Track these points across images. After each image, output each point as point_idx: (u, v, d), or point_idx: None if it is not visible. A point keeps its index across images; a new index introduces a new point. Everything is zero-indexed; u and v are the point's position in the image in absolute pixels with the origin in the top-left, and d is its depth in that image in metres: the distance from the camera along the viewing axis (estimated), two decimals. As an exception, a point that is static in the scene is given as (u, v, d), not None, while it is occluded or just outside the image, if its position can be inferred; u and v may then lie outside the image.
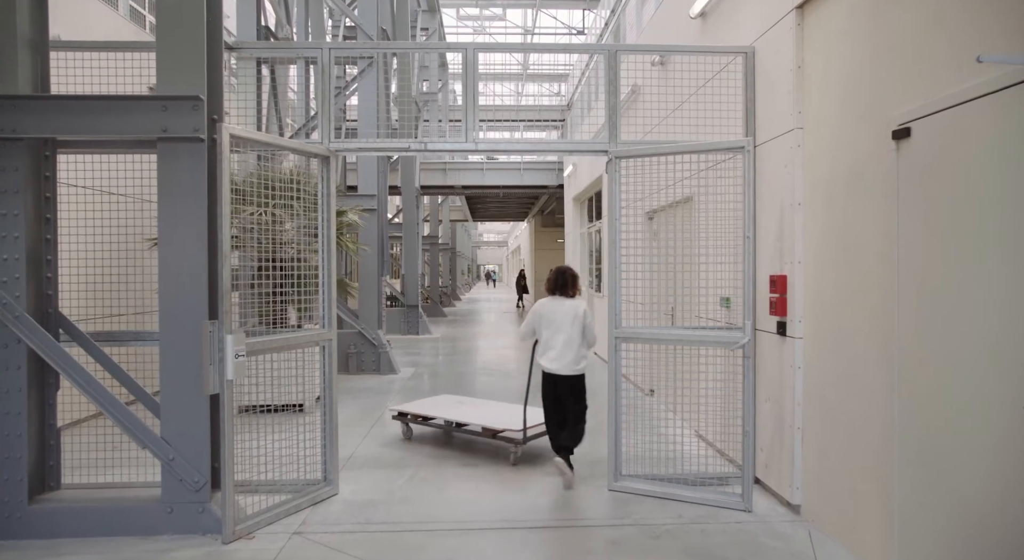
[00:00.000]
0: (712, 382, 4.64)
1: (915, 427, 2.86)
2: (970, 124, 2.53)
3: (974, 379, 2.50)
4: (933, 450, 2.73)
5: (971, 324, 2.52)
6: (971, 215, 2.53)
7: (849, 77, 3.47)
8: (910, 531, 2.88)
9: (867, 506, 3.26)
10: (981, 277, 2.47)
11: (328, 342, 4.39)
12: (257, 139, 3.77)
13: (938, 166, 2.71)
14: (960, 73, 2.59)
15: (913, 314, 2.87)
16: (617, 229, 4.46)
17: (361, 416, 6.80)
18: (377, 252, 9.43)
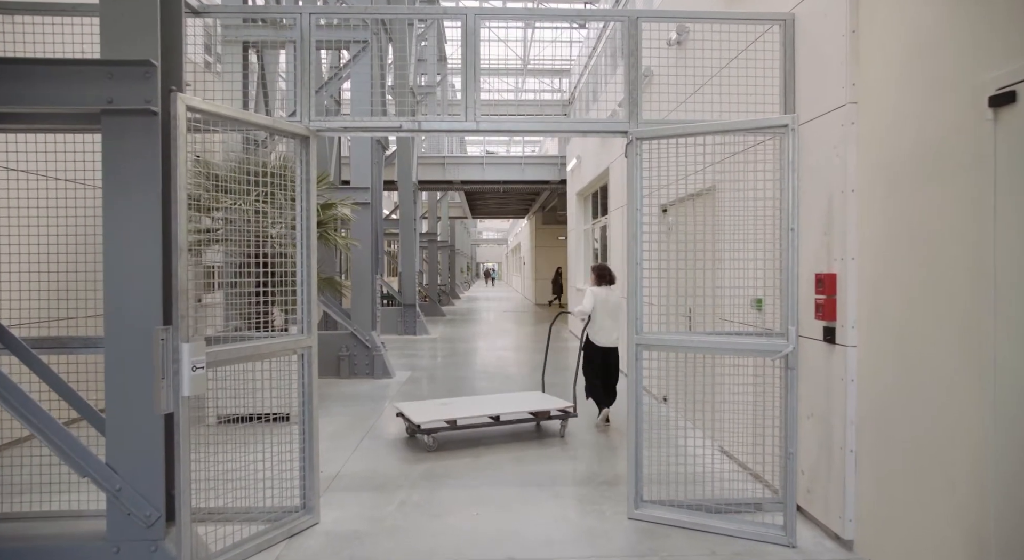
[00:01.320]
0: (739, 392, 4.11)
1: (1020, 456, 2.31)
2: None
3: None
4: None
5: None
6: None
7: (922, 39, 2.92)
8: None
9: (947, 550, 2.71)
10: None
11: (307, 350, 3.84)
12: (221, 113, 3.22)
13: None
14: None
15: (1017, 318, 2.32)
16: (638, 221, 3.91)
17: (351, 426, 6.25)
18: (371, 249, 8.87)
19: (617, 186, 9.57)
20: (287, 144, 4.37)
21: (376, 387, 8.26)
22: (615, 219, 9.70)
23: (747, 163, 4.07)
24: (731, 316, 4.59)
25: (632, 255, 3.90)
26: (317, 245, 8.96)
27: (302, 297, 3.85)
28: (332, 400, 7.45)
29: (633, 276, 3.89)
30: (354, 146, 8.84)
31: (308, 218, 3.83)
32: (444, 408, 5.77)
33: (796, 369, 3.47)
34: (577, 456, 5.30)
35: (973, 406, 2.55)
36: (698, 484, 4.10)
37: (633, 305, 3.88)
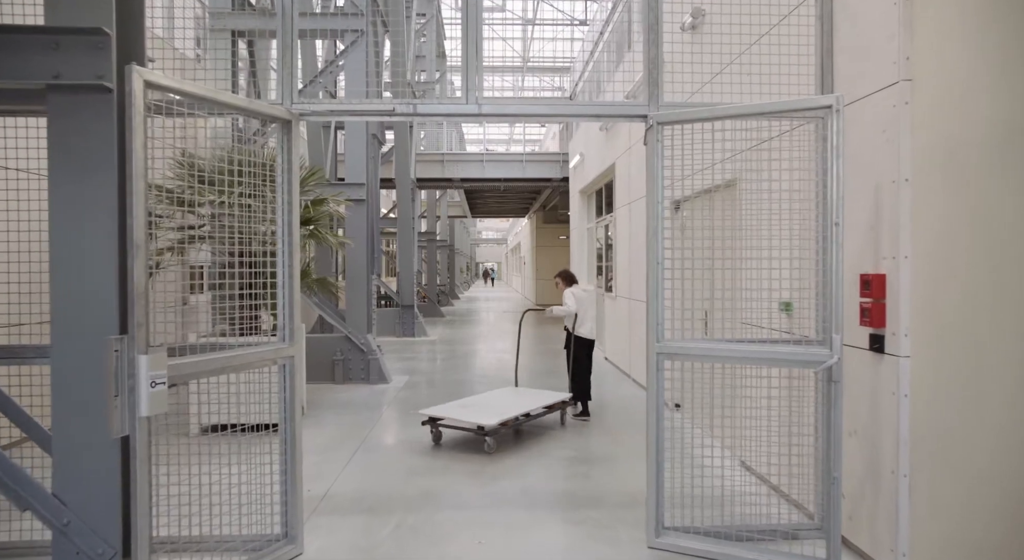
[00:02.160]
0: (764, 402, 3.70)
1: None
2: None
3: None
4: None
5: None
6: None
7: (995, 2, 2.52)
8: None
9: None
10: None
11: (288, 361, 3.43)
12: (186, 90, 2.81)
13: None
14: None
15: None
16: (659, 216, 3.51)
17: (344, 437, 5.85)
18: (366, 247, 8.47)
19: (623, 182, 9.17)
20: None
21: (372, 393, 7.85)
22: (621, 217, 9.29)
23: (775, 151, 3.67)
24: (755, 320, 4.18)
25: (652, 253, 3.50)
26: (312, 244, 8.56)
27: (283, 300, 3.45)
28: (325, 408, 7.04)
29: (654, 277, 3.48)
30: (348, 140, 8.43)
31: (290, 212, 3.42)
32: (466, 410, 5.72)
33: (841, 382, 3.07)
34: (587, 473, 4.89)
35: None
36: (723, 506, 3.70)
37: (654, 310, 3.48)
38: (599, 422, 6.42)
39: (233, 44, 8.16)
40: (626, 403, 7.29)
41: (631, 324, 8.64)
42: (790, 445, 3.54)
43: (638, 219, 8.25)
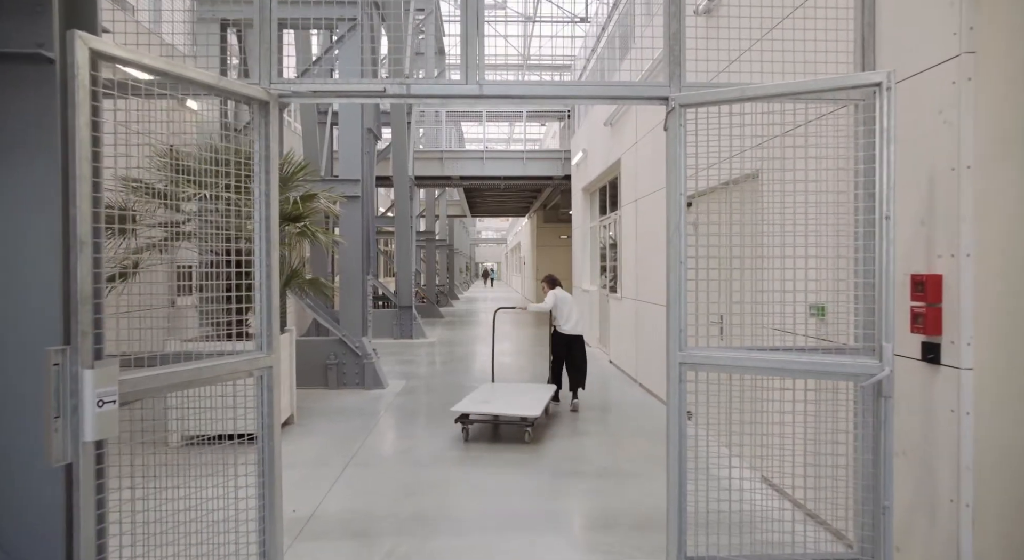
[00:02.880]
0: (790, 414, 3.33)
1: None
2: None
3: None
4: None
5: None
6: None
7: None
8: None
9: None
10: None
11: (265, 371, 3.06)
12: (143, 62, 2.43)
13: None
14: None
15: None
16: (681, 210, 3.14)
17: (335, 448, 5.47)
18: (361, 247, 8.09)
19: (629, 179, 8.80)
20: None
21: (367, 400, 7.47)
22: (627, 214, 8.92)
23: (809, 137, 3.30)
24: (778, 325, 3.81)
25: (674, 252, 3.12)
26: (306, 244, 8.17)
27: (260, 304, 3.07)
28: (316, 416, 6.67)
29: (676, 278, 3.11)
30: (342, 134, 8.06)
31: (268, 205, 3.05)
32: (485, 403, 5.97)
33: (892, 398, 2.69)
34: (596, 489, 4.51)
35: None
36: (749, 530, 3.33)
37: (676, 314, 3.10)
38: (605, 430, 6.05)
39: (223, 38, 7.79)
40: (633, 409, 6.92)
41: (638, 327, 8.27)
42: (830, 466, 3.16)
43: (645, 217, 7.88)
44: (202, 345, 4.93)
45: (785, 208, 3.25)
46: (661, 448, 5.42)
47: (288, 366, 6.27)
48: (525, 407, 5.75)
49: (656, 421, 6.41)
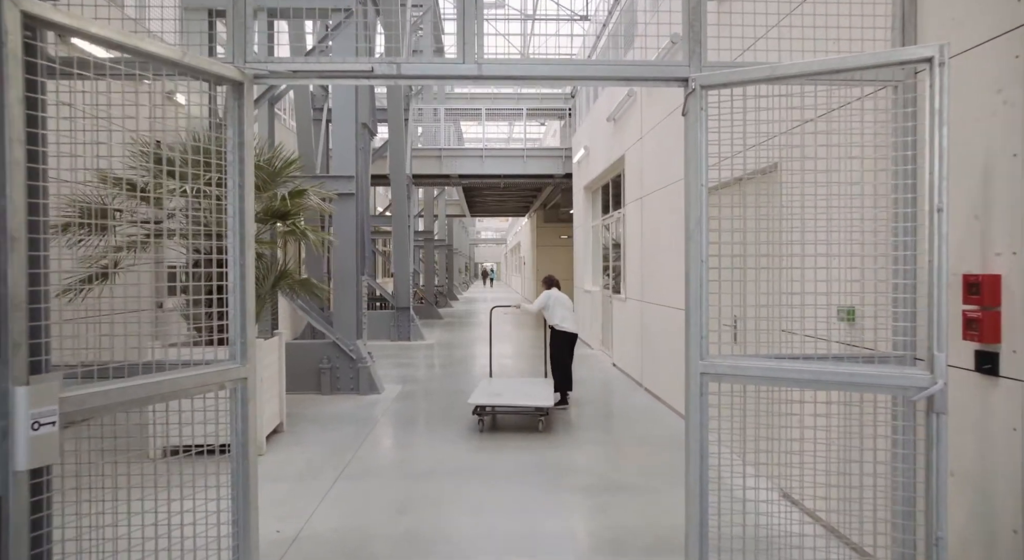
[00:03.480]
0: (813, 425, 3.02)
1: None
2: None
3: None
4: None
5: None
6: None
7: None
8: None
9: None
10: None
11: (239, 384, 2.74)
12: (91, 32, 2.11)
13: None
14: None
15: None
16: (703, 203, 2.83)
17: (326, 459, 5.15)
18: (355, 246, 7.78)
19: (634, 175, 8.48)
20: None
21: (361, 406, 7.15)
22: (631, 213, 8.60)
23: (839, 122, 2.99)
24: (801, 329, 3.49)
25: (695, 249, 2.81)
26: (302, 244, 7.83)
27: (234, 308, 2.75)
28: (307, 423, 6.35)
29: (696, 278, 2.79)
30: (335, 129, 7.75)
31: (241, 198, 2.73)
32: (498, 397, 6.23)
33: (946, 415, 2.37)
34: (604, 505, 4.19)
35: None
36: (776, 555, 3.01)
37: (697, 319, 2.79)
38: (610, 438, 5.73)
39: (211, 27, 7.48)
40: (639, 416, 6.61)
41: (643, 329, 7.96)
42: (860, 486, 2.84)
43: (651, 214, 7.57)
44: (175, 352, 4.61)
45: (809, 201, 2.93)
46: (671, 457, 5.12)
47: (277, 371, 5.96)
48: (537, 398, 6.15)
49: (664, 428, 6.09)
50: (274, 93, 7.91)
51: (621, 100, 8.93)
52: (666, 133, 6.97)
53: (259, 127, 7.84)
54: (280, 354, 6.01)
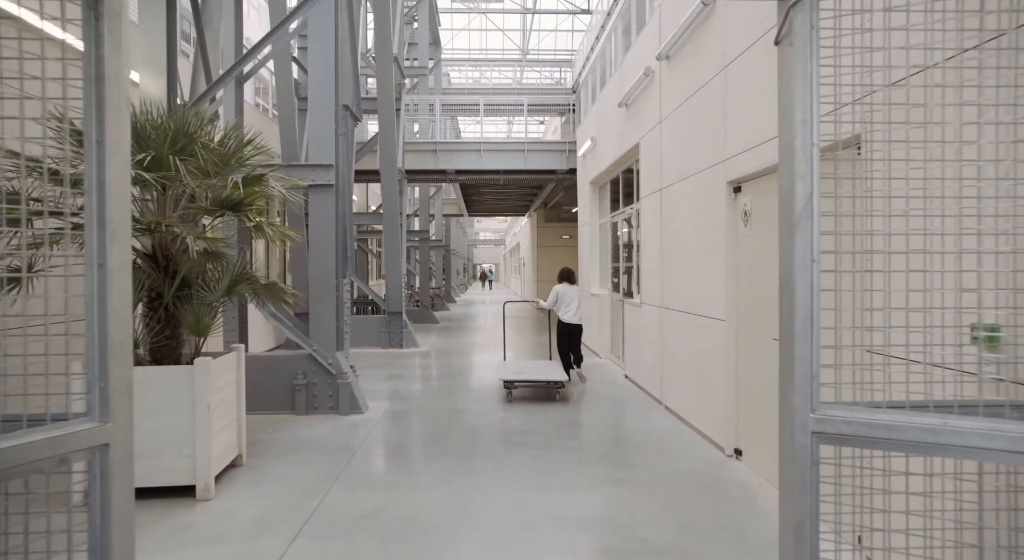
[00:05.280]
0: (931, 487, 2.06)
1: None
2: None
3: None
4: None
5: None
6: None
7: None
8: None
9: None
10: None
11: (100, 452, 1.77)
12: None
13: None
14: None
15: None
16: (813, 173, 1.87)
17: (288, 505, 4.18)
18: (335, 244, 6.81)
19: (652, 165, 7.52)
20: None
21: (340, 429, 6.18)
22: (648, 207, 7.64)
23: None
24: (908, 352, 2.52)
25: (802, 244, 1.85)
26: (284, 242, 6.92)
27: (91, 338, 1.78)
28: (273, 453, 5.38)
29: (803, 289, 1.83)
30: (312, 112, 6.78)
31: (100, 165, 1.76)
32: (520, 374, 7.65)
33: None
34: (628, 520, 3.23)
35: None
36: None
37: (805, 350, 1.83)
38: (634, 475, 4.76)
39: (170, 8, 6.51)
40: (660, 441, 5.64)
41: (663, 339, 6.99)
42: None
43: (674, 209, 6.60)
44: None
45: (908, 189, 1.97)
46: (710, 502, 4.09)
47: (235, 393, 4.98)
48: (553, 374, 7.60)
49: (694, 460, 5.13)
50: (242, 72, 6.95)
51: (635, 82, 7.98)
52: (693, 114, 6.02)
53: (224, 109, 6.87)
54: (238, 373, 5.04)
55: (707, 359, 5.62)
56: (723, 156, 5.26)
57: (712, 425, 5.53)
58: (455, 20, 28.22)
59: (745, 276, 5.00)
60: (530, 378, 7.46)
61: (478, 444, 5.65)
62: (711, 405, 5.54)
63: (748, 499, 4.31)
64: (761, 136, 4.56)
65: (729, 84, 5.17)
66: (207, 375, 4.31)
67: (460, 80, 29.46)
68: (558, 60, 29.45)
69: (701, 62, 5.78)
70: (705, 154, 5.66)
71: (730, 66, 5.14)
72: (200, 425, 4.30)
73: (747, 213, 4.96)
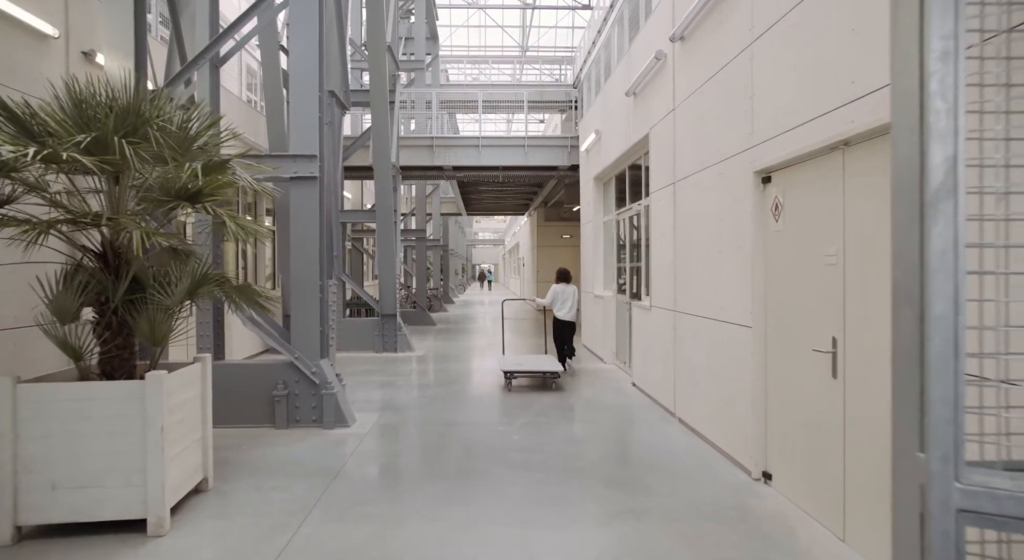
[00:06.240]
0: None
1: None
2: None
3: None
4: None
5: None
6: None
7: None
8: None
9: None
10: None
11: None
12: None
13: None
14: None
15: None
16: (956, 121, 1.28)
17: (252, 543, 3.60)
18: (320, 242, 6.23)
19: (664, 156, 6.95)
20: None
21: (322, 446, 5.60)
22: (660, 202, 7.07)
23: None
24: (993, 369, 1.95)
25: (942, 233, 1.26)
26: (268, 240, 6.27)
27: None
28: (245, 474, 4.79)
29: (945, 305, 1.25)
30: (294, 97, 6.20)
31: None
32: (519, 365, 8.16)
33: None
34: None
35: None
36: None
37: (941, 387, 1.25)
38: (656, 504, 4.18)
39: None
40: (677, 462, 5.05)
41: (677, 346, 6.42)
42: None
43: (689, 203, 6.03)
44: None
45: None
46: (745, 543, 3.41)
47: (199, 410, 4.40)
48: (549, 365, 8.11)
49: (719, 486, 4.55)
50: (218, 54, 6.37)
51: (645, 68, 7.40)
52: (713, 97, 5.44)
53: (198, 94, 6.29)
54: (204, 386, 4.46)
55: (730, 369, 5.05)
56: (749, 143, 4.68)
57: (735, 443, 4.95)
58: (454, 16, 27.67)
59: (775, 277, 4.43)
60: (528, 369, 8.04)
61: (475, 464, 5.07)
62: (734, 421, 4.97)
63: (785, 534, 3.73)
64: (797, 117, 3.99)
65: (756, 61, 4.59)
66: (160, 391, 3.72)
67: (459, 78, 28.92)
68: (558, 57, 28.89)
69: (723, 38, 5.21)
70: (727, 141, 5.09)
71: (758, 41, 4.56)
72: (152, 449, 3.71)
73: (778, 206, 4.39)
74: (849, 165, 3.55)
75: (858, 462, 3.45)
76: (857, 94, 3.34)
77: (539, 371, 8.01)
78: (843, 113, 3.47)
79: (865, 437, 3.38)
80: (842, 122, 3.48)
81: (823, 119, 3.69)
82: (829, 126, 3.62)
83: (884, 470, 3.16)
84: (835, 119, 3.56)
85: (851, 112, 3.40)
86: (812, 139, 3.80)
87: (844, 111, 3.46)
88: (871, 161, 3.34)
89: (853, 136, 3.43)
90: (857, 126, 3.34)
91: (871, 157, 3.34)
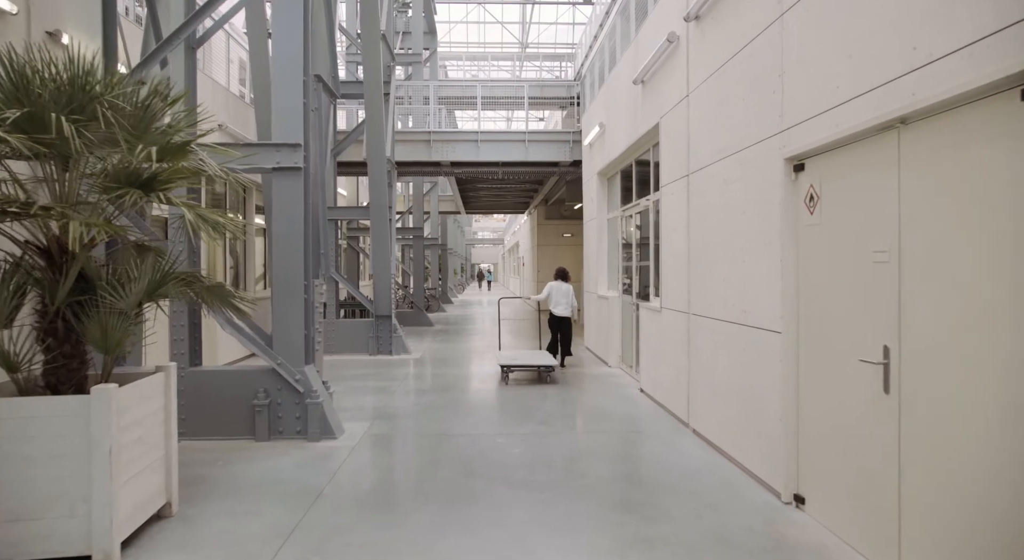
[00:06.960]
0: None
1: None
2: None
3: None
4: None
5: None
6: None
7: None
8: None
9: None
10: None
11: None
12: None
13: None
14: None
15: None
16: None
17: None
18: (304, 239, 5.74)
19: (677, 146, 6.46)
20: None
21: (305, 461, 5.11)
22: (672, 195, 6.58)
23: None
24: None
25: None
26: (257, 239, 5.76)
27: None
28: (216, 496, 4.30)
29: None
30: (276, 82, 5.70)
31: None
32: (515, 360, 8.57)
33: None
34: None
35: None
36: None
37: None
38: (674, 533, 3.69)
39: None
40: (695, 481, 4.56)
41: (692, 352, 5.93)
42: None
43: (704, 197, 5.54)
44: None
45: None
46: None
47: (161, 424, 3.91)
48: (545, 360, 8.47)
49: (747, 512, 4.06)
50: (194, 35, 5.87)
51: (655, 53, 6.91)
52: (734, 79, 4.95)
53: (172, 77, 5.79)
54: (167, 399, 3.96)
55: (754, 378, 4.56)
56: (779, 127, 4.19)
57: (762, 462, 4.47)
58: (452, 12, 27.18)
59: (809, 277, 3.95)
60: (524, 363, 8.39)
61: (472, 483, 4.58)
62: (760, 436, 4.48)
63: None
64: (838, 94, 3.50)
65: (787, 34, 4.10)
66: (108, 408, 3.23)
67: (458, 75, 28.43)
68: (558, 54, 28.40)
69: (747, 11, 4.72)
70: (752, 127, 4.60)
71: (790, 11, 4.07)
72: (98, 475, 3.22)
73: (814, 197, 3.90)
74: (906, 147, 3.06)
75: (920, 489, 2.96)
76: (920, 61, 2.85)
77: (534, 365, 8.30)
78: (900, 85, 2.99)
79: (928, 462, 2.89)
80: (899, 96, 2.99)
81: (872, 94, 3.20)
82: (881, 102, 3.13)
83: (963, 500, 2.67)
84: (889, 93, 3.07)
85: (911, 83, 2.91)
86: (858, 118, 3.32)
87: (901, 82, 2.98)
88: (937, 140, 2.85)
89: (911, 113, 2.94)
90: (918, 100, 2.86)
91: (937, 136, 2.85)
